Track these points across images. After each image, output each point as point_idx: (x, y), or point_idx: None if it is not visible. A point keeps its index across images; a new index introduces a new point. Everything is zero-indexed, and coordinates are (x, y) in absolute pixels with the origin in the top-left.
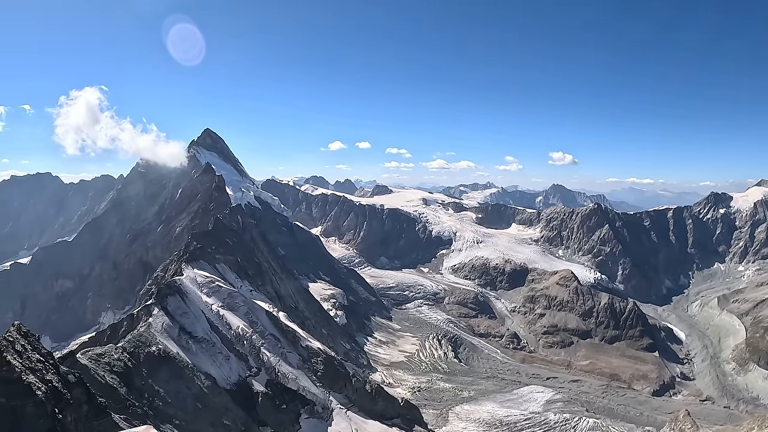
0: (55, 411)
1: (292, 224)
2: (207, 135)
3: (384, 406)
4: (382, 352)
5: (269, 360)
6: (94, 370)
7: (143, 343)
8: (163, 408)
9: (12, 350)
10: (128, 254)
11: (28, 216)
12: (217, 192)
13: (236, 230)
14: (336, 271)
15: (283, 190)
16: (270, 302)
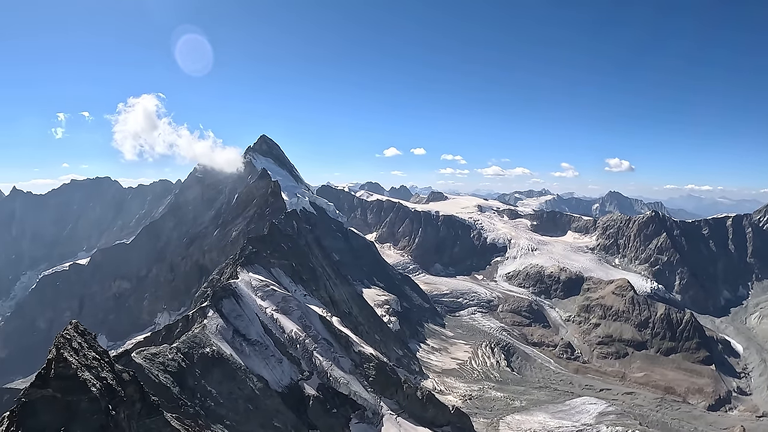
0: (109, 407)
1: (347, 230)
2: (263, 141)
3: (434, 413)
4: (435, 358)
5: (321, 364)
6: (148, 369)
7: (197, 344)
8: (214, 408)
9: (69, 347)
10: (185, 257)
11: (87, 219)
12: (272, 197)
13: (291, 235)
14: (390, 277)
15: (339, 196)
16: (324, 307)
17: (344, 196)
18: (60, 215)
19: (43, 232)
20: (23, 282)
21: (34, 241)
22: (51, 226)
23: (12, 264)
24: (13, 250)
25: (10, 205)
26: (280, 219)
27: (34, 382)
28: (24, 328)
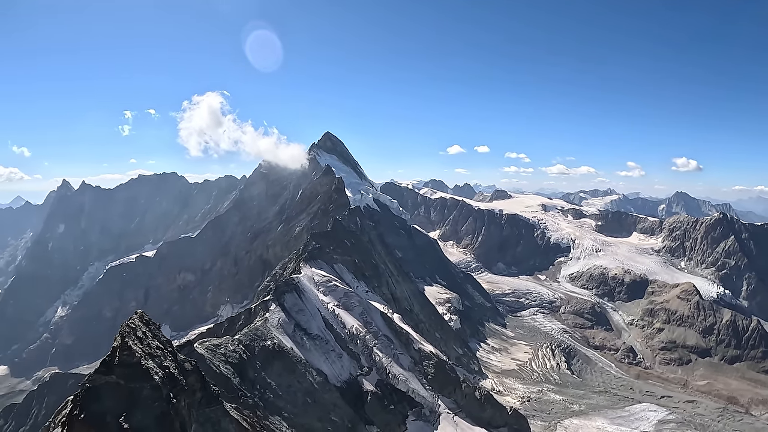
0: (170, 396)
1: (410, 227)
2: (327, 138)
3: (492, 413)
4: (494, 358)
5: (381, 360)
6: (209, 359)
7: (259, 337)
8: (273, 400)
9: (134, 336)
10: (249, 251)
11: (153, 213)
12: (336, 194)
13: (354, 231)
14: (452, 275)
15: (402, 193)
16: (385, 303)
17: (408, 194)
18: (127, 209)
19: (110, 225)
20: (91, 272)
21: (102, 233)
22: (118, 219)
23: (80, 255)
24: (82, 241)
25: (80, 199)
26: (343, 215)
27: (99, 368)
28: (90, 317)
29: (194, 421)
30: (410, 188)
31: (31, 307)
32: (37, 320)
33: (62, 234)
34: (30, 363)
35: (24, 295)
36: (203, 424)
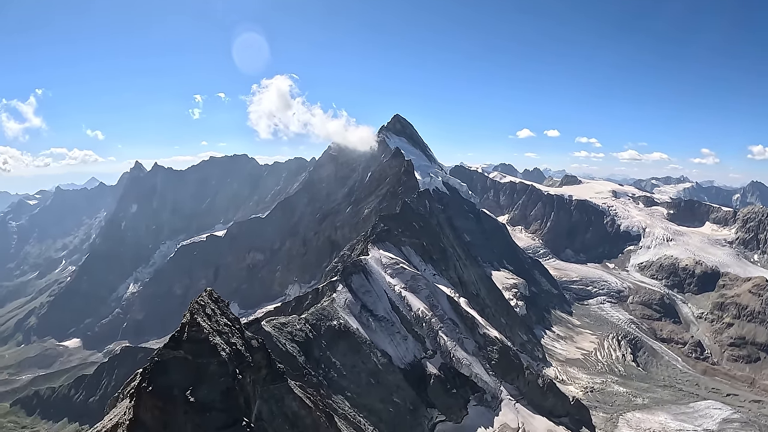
0: (236, 372)
1: (479, 211)
2: (397, 121)
3: (554, 402)
4: (559, 347)
5: (446, 344)
6: (276, 337)
7: (325, 317)
8: (337, 380)
9: (203, 313)
10: (317, 232)
11: (224, 194)
12: (405, 176)
13: (423, 214)
14: (520, 260)
15: (471, 177)
16: (452, 287)
17: (477, 177)
18: (199, 190)
19: (182, 206)
20: (162, 251)
21: (174, 213)
22: (190, 199)
23: (152, 234)
24: (154, 221)
25: (152, 180)
26: (412, 198)
27: (168, 343)
28: (161, 294)
29: (258, 398)
30: (480, 172)
31: (104, 283)
32: (110, 296)
33: (135, 214)
34: (102, 336)
35: (97, 272)
36: (267, 401)
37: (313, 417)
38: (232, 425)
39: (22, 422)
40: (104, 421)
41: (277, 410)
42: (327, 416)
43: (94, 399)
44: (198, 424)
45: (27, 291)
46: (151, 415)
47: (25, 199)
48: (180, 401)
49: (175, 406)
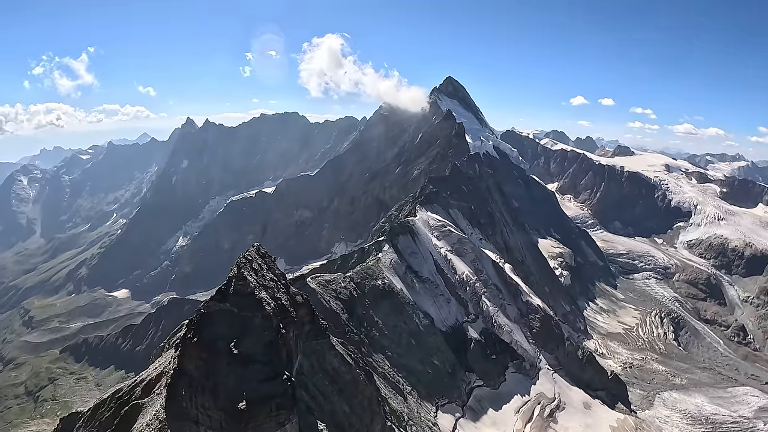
0: (280, 326)
1: (528, 177)
2: (449, 83)
3: (591, 375)
4: (601, 320)
5: (488, 309)
6: (320, 294)
7: (370, 276)
8: (378, 339)
9: (249, 268)
10: (366, 192)
11: (274, 151)
12: (456, 139)
13: (472, 178)
14: (567, 230)
15: (522, 143)
16: (498, 253)
17: (528, 143)
18: (249, 146)
19: (232, 162)
20: (212, 206)
21: (224, 169)
22: (240, 156)
23: (202, 189)
24: (204, 176)
25: (203, 136)
26: (462, 161)
27: (214, 296)
28: (209, 248)
29: (300, 352)
30: (531, 138)
31: (154, 236)
32: (159, 249)
33: (185, 169)
34: (150, 288)
35: (147, 225)
36: (309, 356)
37: (353, 374)
38: (273, 378)
39: (70, 368)
40: (149, 369)
41: (318, 366)
42: (366, 374)
43: (141, 348)
44: (240, 376)
45: (78, 243)
46: (195, 366)
47: (78, 154)
48: (224, 353)
49: (219, 357)
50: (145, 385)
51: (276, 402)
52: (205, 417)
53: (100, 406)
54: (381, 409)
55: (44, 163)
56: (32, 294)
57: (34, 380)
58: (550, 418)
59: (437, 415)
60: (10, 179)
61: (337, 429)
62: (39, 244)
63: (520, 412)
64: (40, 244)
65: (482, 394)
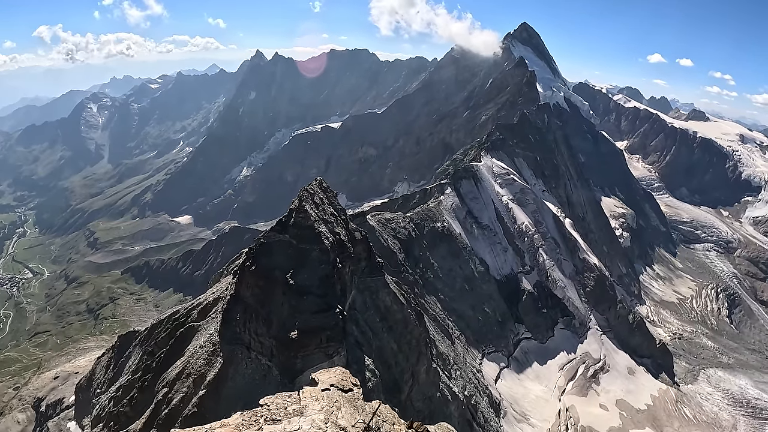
0: (336, 260)
1: (597, 133)
2: (524, 29)
3: (639, 341)
4: (656, 286)
5: (544, 262)
6: (379, 232)
7: (430, 218)
8: (432, 281)
9: (311, 201)
10: (432, 133)
11: (342, 87)
12: (527, 87)
13: (540, 128)
14: (632, 190)
15: (595, 97)
16: (559, 206)
17: (600, 98)
18: (317, 81)
19: (299, 96)
20: (277, 138)
21: (291, 102)
22: (308, 90)
23: (269, 121)
24: (271, 108)
25: (271, 69)
26: (531, 110)
27: (274, 227)
28: (272, 179)
29: (354, 288)
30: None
31: (219, 165)
32: (223, 178)
33: (253, 101)
34: (212, 215)
35: (213, 154)
36: (362, 292)
37: (404, 313)
38: (326, 311)
39: (131, 289)
40: (207, 294)
41: (371, 302)
42: (417, 314)
43: (200, 273)
44: (294, 306)
45: (145, 169)
46: (251, 293)
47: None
48: (280, 282)
49: (275, 286)
50: (202, 308)
51: (327, 334)
52: (257, 343)
53: (157, 326)
54: (428, 350)
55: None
56: (98, 217)
57: (95, 299)
58: (592, 379)
59: (482, 363)
60: (80, 106)
61: (383, 365)
62: (106, 170)
63: (564, 369)
64: (107, 170)
65: (529, 346)
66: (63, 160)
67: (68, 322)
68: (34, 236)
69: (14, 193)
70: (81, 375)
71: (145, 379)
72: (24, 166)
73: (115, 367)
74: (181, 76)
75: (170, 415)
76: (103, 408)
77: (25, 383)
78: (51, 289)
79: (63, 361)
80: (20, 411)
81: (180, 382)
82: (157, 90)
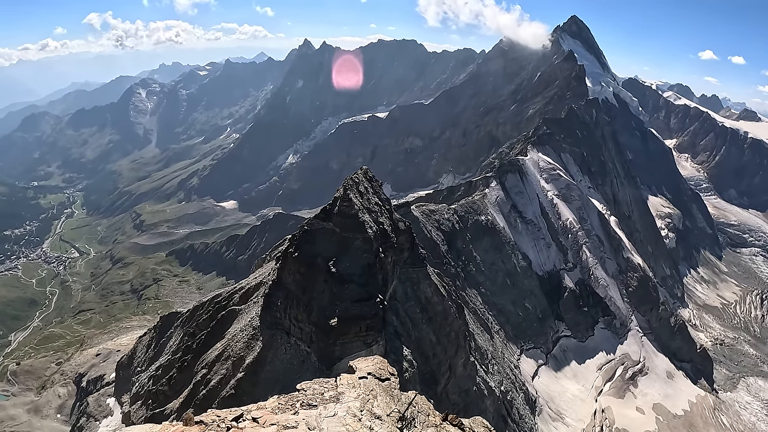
0: (379, 250)
1: (646, 130)
2: (573, 22)
3: (680, 345)
4: (700, 289)
5: (587, 260)
6: (423, 223)
7: (474, 211)
8: (474, 274)
9: (355, 190)
10: (478, 125)
11: (390, 77)
12: (575, 81)
13: (588, 123)
14: (680, 190)
15: (644, 93)
16: (605, 204)
17: (650, 94)
18: (364, 71)
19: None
20: (324, 126)
21: (338, 91)
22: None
23: (315, 109)
24: (318, 97)
25: (319, 58)
26: (579, 105)
27: (318, 214)
28: (318, 167)
29: (396, 278)
30: (653, 89)
31: (265, 152)
32: (269, 164)
33: (300, 89)
34: (257, 201)
35: (259, 141)
36: (404, 282)
37: (444, 305)
38: (366, 299)
39: (174, 271)
40: (249, 278)
41: (412, 293)
42: (458, 307)
43: (243, 258)
44: (335, 294)
45: (192, 154)
46: (293, 279)
47: (196, 70)
48: (322, 270)
49: (317, 273)
50: (244, 292)
51: (366, 323)
52: (297, 329)
53: (199, 308)
54: (467, 343)
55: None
56: (144, 200)
57: (139, 279)
58: (630, 381)
59: (520, 359)
60: (129, 92)
61: (421, 357)
62: (154, 154)
63: (602, 369)
64: (154, 154)
65: (568, 344)
66: (111, 143)
67: (112, 301)
68: (81, 217)
69: (63, 175)
70: (122, 353)
71: (185, 360)
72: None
73: (156, 347)
74: (230, 63)
75: (208, 395)
76: (142, 386)
77: (67, 359)
78: (96, 269)
79: (105, 339)
80: (61, 385)
81: (219, 364)
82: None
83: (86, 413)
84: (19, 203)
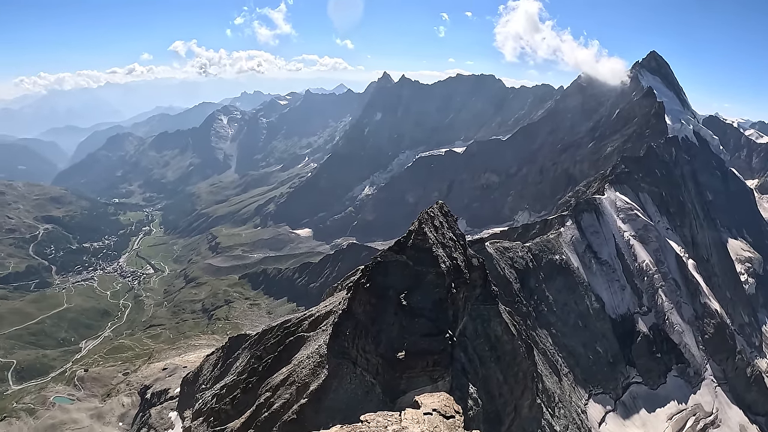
0: (451, 285)
1: (727, 169)
2: (652, 58)
3: (755, 397)
4: None
5: (662, 304)
6: (496, 260)
7: (549, 250)
8: (546, 314)
9: (430, 224)
10: (556, 163)
11: (467, 112)
12: (655, 119)
13: (667, 162)
14: (762, 233)
15: (725, 131)
16: (683, 246)
17: (731, 132)
18: (443, 105)
19: (425, 118)
20: (401, 159)
21: (416, 125)
22: (433, 113)
23: (393, 142)
24: (396, 130)
25: (398, 91)
26: (659, 143)
27: (392, 246)
28: (393, 199)
29: (466, 314)
30: (735, 126)
31: (341, 182)
32: (345, 195)
33: (379, 121)
34: (331, 230)
35: (336, 171)
36: (474, 319)
37: (514, 345)
38: (436, 335)
39: (246, 294)
40: (320, 306)
41: (481, 330)
42: (527, 347)
43: (315, 285)
44: (404, 327)
45: (269, 181)
46: (363, 310)
47: (277, 99)
48: (392, 302)
49: (387, 305)
50: (313, 320)
51: (434, 358)
52: (363, 359)
53: (268, 332)
54: (534, 384)
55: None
56: (221, 223)
57: (211, 299)
58: None
59: (588, 404)
60: (211, 118)
61: (486, 395)
62: (232, 179)
63: (673, 419)
64: (233, 179)
65: (638, 391)
66: (192, 166)
67: (182, 319)
68: (158, 235)
69: (144, 194)
70: (188, 369)
71: (250, 382)
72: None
73: (222, 366)
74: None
75: (269, 418)
76: (205, 403)
77: (134, 370)
78: (170, 286)
79: (173, 354)
80: (126, 395)
81: (283, 388)
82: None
83: (148, 424)
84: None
